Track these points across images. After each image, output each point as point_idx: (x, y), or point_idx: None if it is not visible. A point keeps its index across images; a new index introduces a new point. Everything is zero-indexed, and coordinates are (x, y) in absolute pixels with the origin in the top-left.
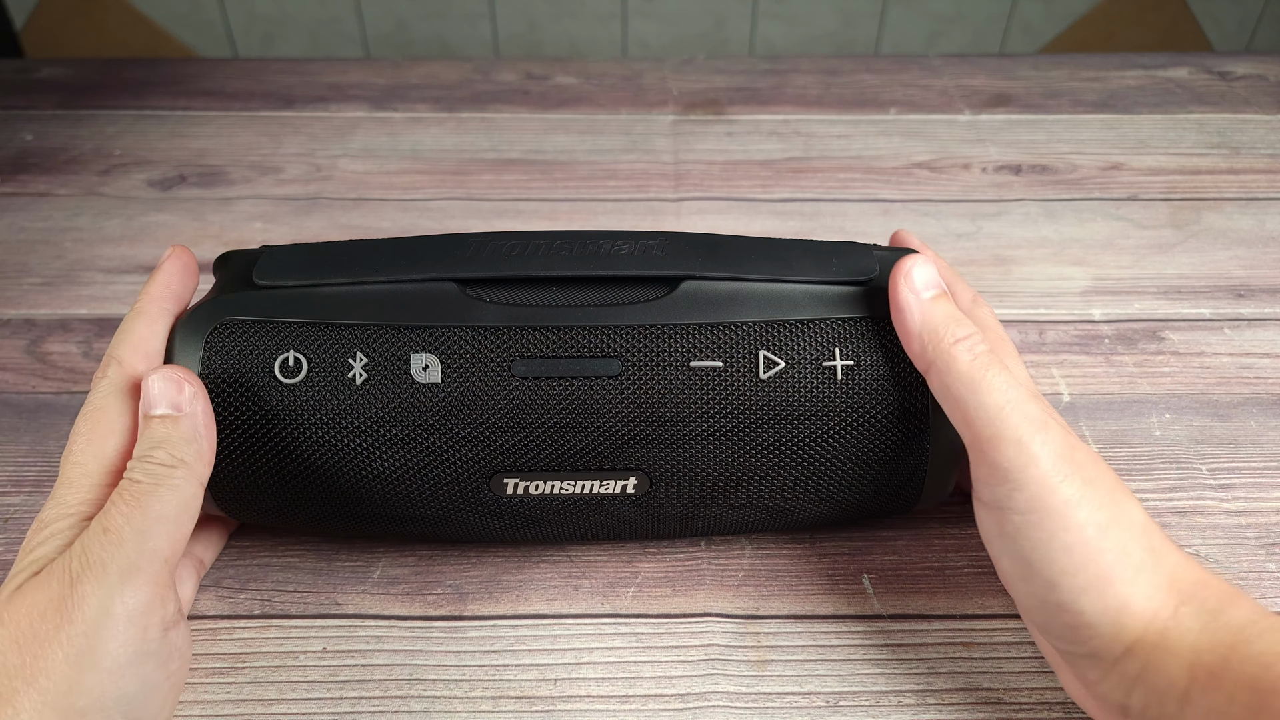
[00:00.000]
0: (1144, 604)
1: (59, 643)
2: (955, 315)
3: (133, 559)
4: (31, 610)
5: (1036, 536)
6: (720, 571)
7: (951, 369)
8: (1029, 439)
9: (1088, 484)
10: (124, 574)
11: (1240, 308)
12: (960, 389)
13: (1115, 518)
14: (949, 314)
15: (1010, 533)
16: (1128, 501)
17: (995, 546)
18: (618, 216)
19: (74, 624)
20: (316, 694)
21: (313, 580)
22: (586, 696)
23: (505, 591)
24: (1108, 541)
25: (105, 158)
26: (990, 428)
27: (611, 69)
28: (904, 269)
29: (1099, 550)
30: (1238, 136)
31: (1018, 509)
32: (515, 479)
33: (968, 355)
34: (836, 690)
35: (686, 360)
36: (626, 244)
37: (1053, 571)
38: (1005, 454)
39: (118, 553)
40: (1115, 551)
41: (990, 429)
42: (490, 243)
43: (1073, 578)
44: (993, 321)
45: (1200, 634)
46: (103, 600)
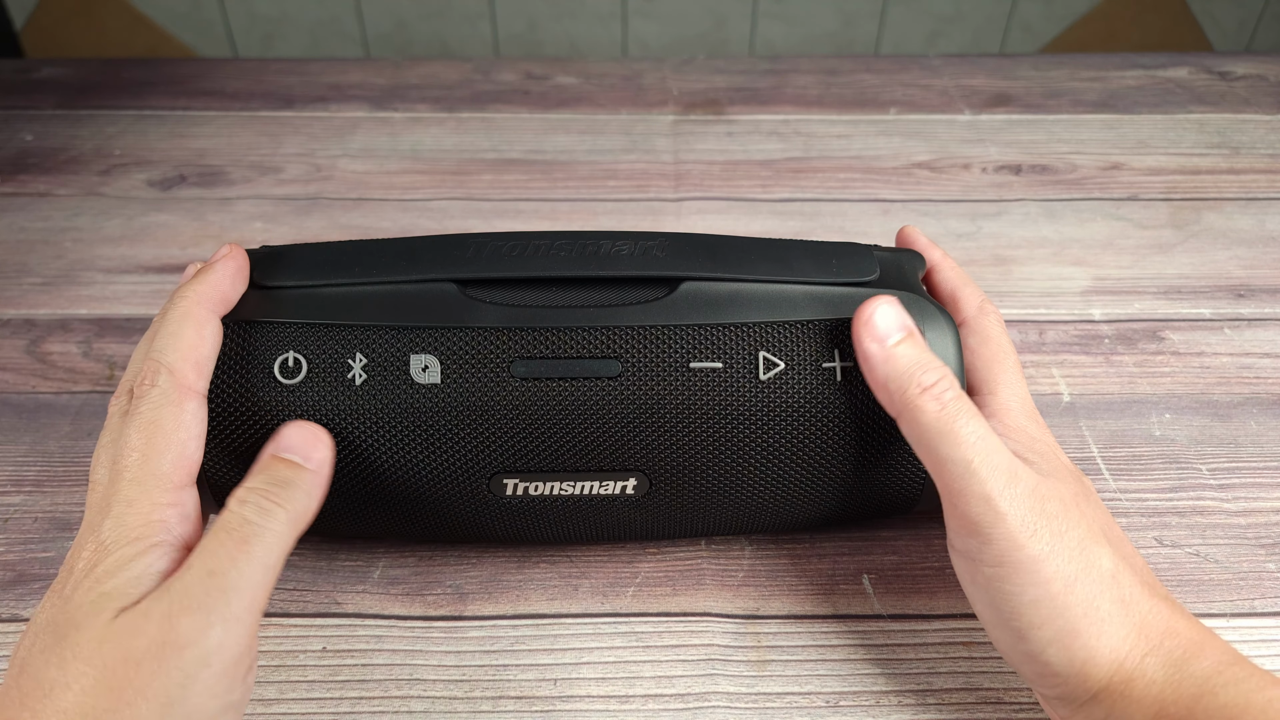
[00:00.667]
0: (1109, 655)
1: (153, 692)
2: (920, 361)
3: (235, 610)
4: (128, 655)
5: (1005, 590)
6: (720, 572)
7: (918, 421)
8: (997, 495)
9: (1057, 537)
10: (227, 625)
11: (1240, 308)
12: (928, 440)
13: (1084, 570)
14: (914, 361)
15: (980, 583)
16: (1098, 551)
17: (968, 591)
18: (618, 216)
19: (170, 675)
20: (316, 693)
21: (312, 579)
22: (586, 696)
23: (505, 591)
24: (1074, 596)
25: (105, 158)
26: (958, 481)
27: (611, 69)
28: (864, 317)
29: (1065, 605)
30: (1238, 136)
31: (987, 562)
32: (515, 479)
33: (934, 405)
34: (836, 690)
35: (686, 361)
36: (626, 244)
37: (1021, 623)
38: (973, 508)
39: (222, 601)
40: (1082, 605)
41: (958, 483)
42: (490, 243)
43: (1039, 630)
44: (997, 331)
45: (1165, 685)
46: (203, 653)
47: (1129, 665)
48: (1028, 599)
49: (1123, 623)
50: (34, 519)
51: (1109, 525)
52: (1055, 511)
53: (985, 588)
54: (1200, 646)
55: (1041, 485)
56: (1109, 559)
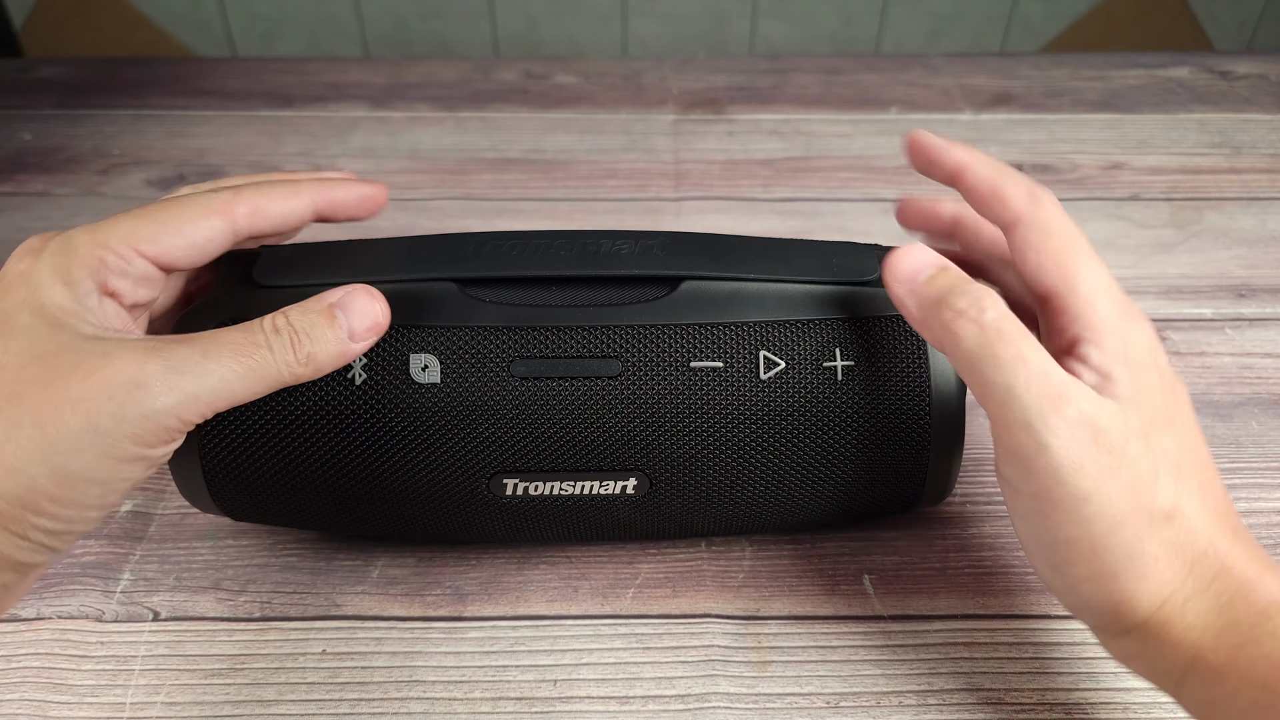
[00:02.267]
0: (1149, 599)
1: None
2: (953, 287)
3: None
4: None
5: (1044, 524)
6: (720, 572)
7: (957, 348)
8: (1040, 423)
9: (1107, 474)
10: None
11: (1241, 307)
12: (969, 366)
13: (1134, 509)
14: (946, 288)
15: (1021, 513)
16: (1157, 488)
17: (1010, 514)
18: (618, 216)
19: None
20: (316, 695)
21: (312, 581)
22: (586, 697)
23: (505, 592)
24: (1117, 538)
25: (104, 157)
26: (1000, 408)
27: (611, 68)
28: (889, 268)
29: (1105, 547)
30: (1239, 136)
31: (1028, 494)
32: (515, 479)
33: (970, 329)
34: (837, 691)
35: (686, 360)
36: (626, 244)
37: (1057, 559)
38: (1015, 437)
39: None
40: (1125, 548)
41: (1000, 409)
42: (490, 242)
43: (1076, 568)
44: (1059, 220)
45: (1205, 630)
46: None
47: (1169, 608)
48: (1064, 536)
49: (1170, 564)
50: None
51: (1186, 452)
52: (1113, 444)
53: (1026, 518)
54: (1253, 586)
55: (1100, 413)
56: (1169, 495)
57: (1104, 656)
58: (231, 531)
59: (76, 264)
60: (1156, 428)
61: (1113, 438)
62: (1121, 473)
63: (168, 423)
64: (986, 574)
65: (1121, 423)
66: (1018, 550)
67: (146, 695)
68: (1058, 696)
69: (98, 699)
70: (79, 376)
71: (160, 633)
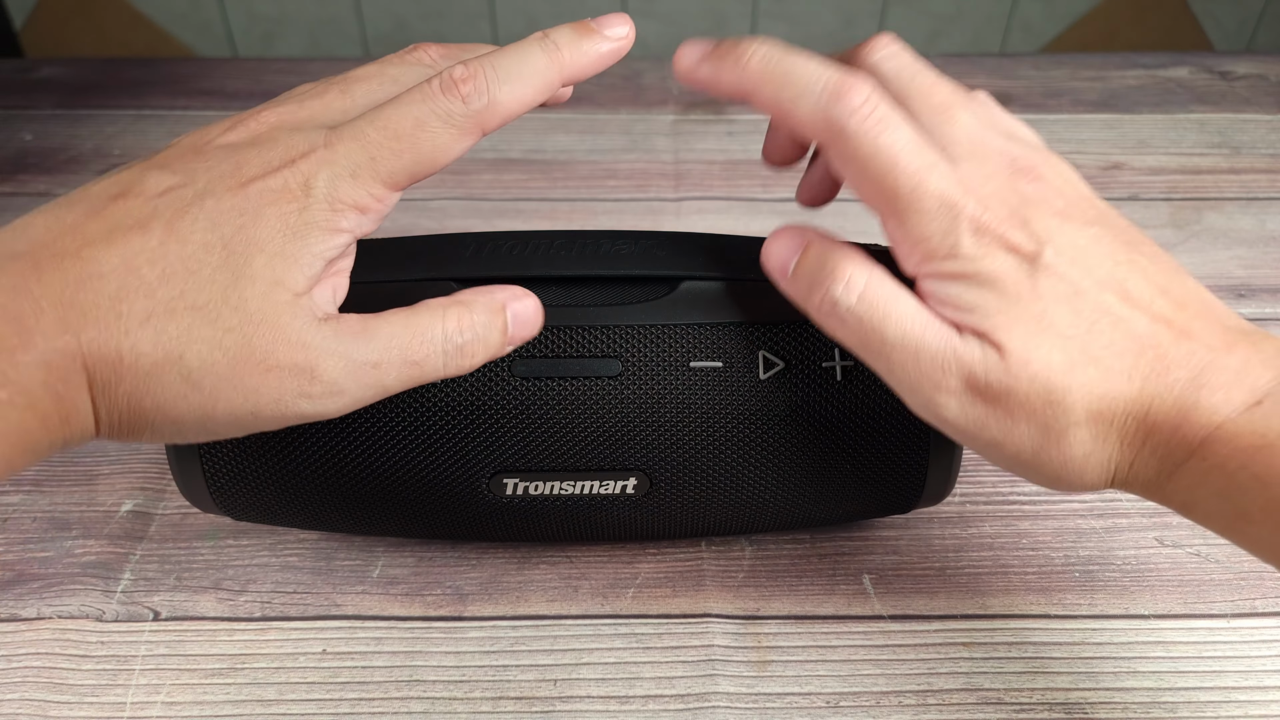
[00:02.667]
0: (1096, 483)
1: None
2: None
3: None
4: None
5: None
6: (720, 572)
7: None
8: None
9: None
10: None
11: (1241, 307)
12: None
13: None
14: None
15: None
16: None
17: None
18: (618, 216)
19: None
20: (316, 695)
21: (312, 580)
22: (586, 697)
23: (505, 592)
24: (1040, 459)
25: (105, 157)
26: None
27: (611, 68)
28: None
29: (1036, 468)
30: (1239, 136)
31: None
32: (515, 479)
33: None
34: (837, 691)
35: (686, 360)
36: (626, 244)
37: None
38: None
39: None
40: (1051, 466)
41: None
42: (490, 242)
43: (1021, 475)
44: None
45: (1157, 480)
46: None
47: (1120, 479)
48: (999, 462)
49: (1101, 452)
50: (33, 519)
51: (1081, 280)
52: (997, 390)
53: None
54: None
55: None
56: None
57: (1104, 656)
58: (232, 531)
59: (341, 216)
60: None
61: (994, 384)
62: (1015, 410)
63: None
64: (986, 574)
65: (998, 362)
66: (1018, 550)
67: (146, 695)
68: (1057, 697)
69: (98, 699)
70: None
71: (160, 632)
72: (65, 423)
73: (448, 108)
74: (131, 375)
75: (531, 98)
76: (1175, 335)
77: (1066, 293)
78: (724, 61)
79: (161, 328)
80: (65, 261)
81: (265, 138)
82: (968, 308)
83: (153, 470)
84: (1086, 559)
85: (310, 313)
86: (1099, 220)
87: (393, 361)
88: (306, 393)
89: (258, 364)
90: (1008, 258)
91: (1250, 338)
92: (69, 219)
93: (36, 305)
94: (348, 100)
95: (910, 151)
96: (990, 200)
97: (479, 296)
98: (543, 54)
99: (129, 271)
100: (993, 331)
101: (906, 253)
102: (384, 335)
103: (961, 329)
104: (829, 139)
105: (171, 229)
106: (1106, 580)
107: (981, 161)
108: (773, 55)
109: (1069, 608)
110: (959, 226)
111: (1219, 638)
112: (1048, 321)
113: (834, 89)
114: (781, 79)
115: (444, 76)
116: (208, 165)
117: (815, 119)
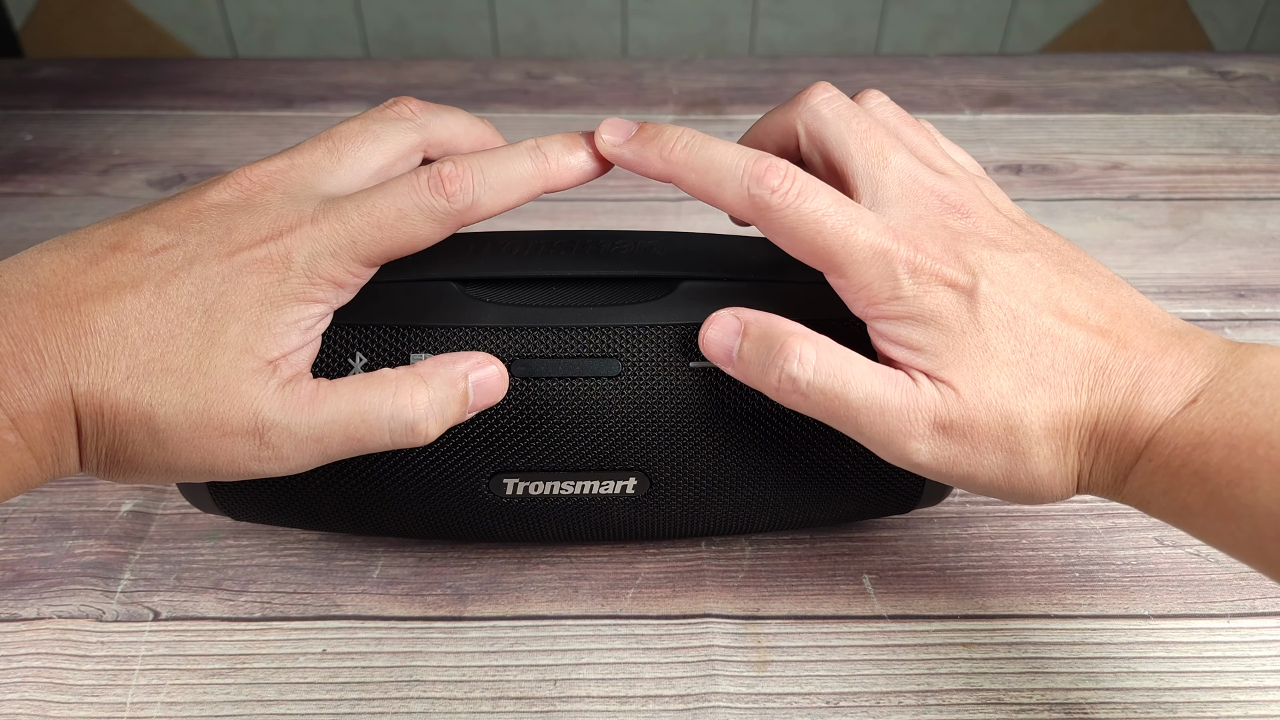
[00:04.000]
0: (1061, 493)
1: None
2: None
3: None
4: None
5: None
6: (720, 572)
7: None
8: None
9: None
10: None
11: (1241, 307)
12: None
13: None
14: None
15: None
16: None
17: None
18: (618, 216)
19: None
20: (316, 695)
21: (312, 581)
22: (586, 697)
23: (505, 593)
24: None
25: (104, 158)
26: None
27: (611, 68)
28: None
29: (1009, 491)
30: (1238, 136)
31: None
32: (515, 479)
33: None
34: (837, 691)
35: (686, 360)
36: (626, 244)
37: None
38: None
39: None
40: (1022, 486)
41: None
42: (490, 242)
43: (995, 495)
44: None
45: (1113, 484)
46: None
47: (1082, 486)
48: (977, 489)
49: (1059, 464)
50: (33, 519)
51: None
52: (961, 428)
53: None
54: (1127, 432)
55: (939, 411)
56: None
57: (1104, 656)
58: (232, 531)
59: (318, 288)
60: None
61: (956, 420)
62: (980, 440)
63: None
64: (986, 574)
65: (955, 399)
66: (1018, 550)
67: (146, 695)
68: (1057, 697)
69: (98, 699)
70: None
71: (160, 632)
72: (57, 463)
73: (431, 204)
74: (111, 427)
75: (513, 203)
76: (1113, 346)
77: (1006, 319)
78: (648, 148)
79: (138, 387)
80: (66, 314)
81: (257, 201)
82: (917, 347)
83: None
84: (1086, 559)
85: (269, 382)
86: (1030, 246)
87: (334, 437)
88: (256, 456)
89: (215, 429)
90: (946, 293)
91: (1184, 339)
92: (72, 263)
93: (40, 357)
94: (335, 161)
95: (833, 213)
96: (921, 240)
97: (438, 369)
98: (531, 164)
99: (118, 331)
100: (942, 369)
101: (852, 299)
102: (329, 410)
103: (914, 371)
104: (756, 216)
105: (160, 292)
106: (1106, 580)
107: (912, 202)
108: (694, 144)
109: (1069, 608)
110: (895, 270)
111: (1219, 638)
112: (992, 351)
113: (753, 173)
114: (704, 166)
115: (433, 173)
116: (200, 227)
117: (741, 201)
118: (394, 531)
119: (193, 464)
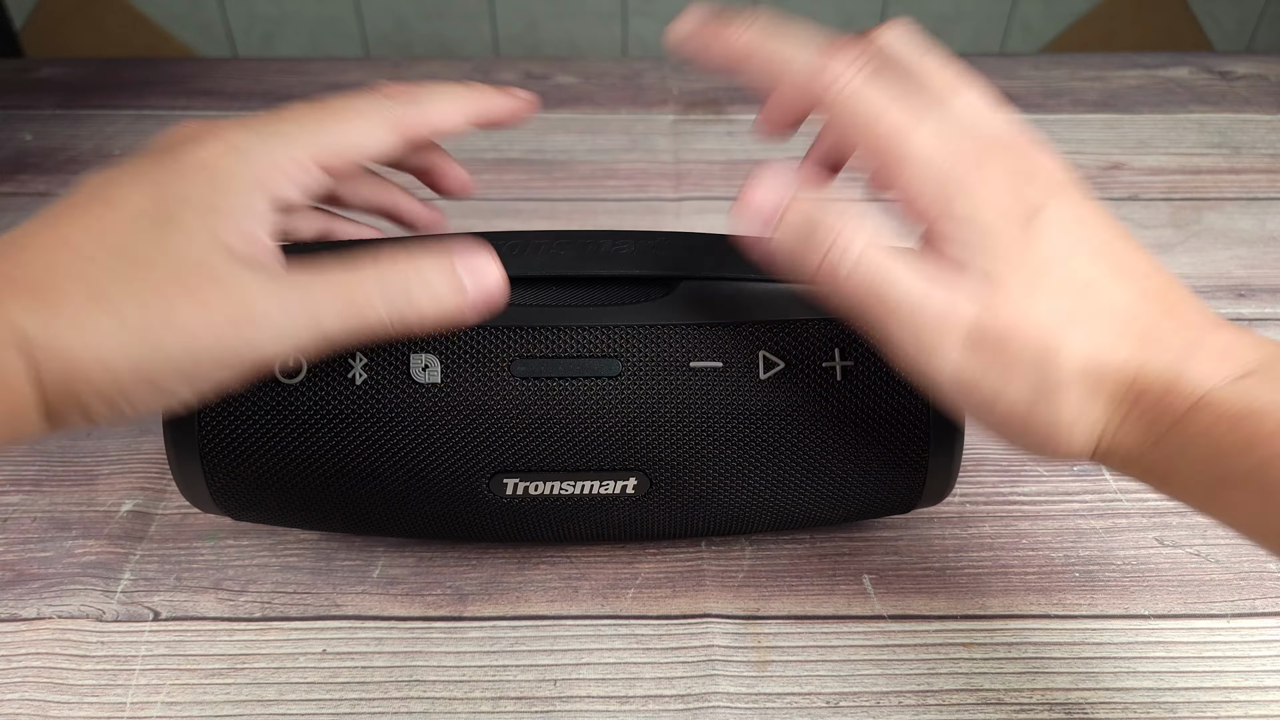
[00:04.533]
0: (1081, 450)
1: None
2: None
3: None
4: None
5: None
6: (720, 572)
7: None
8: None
9: (998, 376)
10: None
11: (1241, 307)
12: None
13: (1034, 391)
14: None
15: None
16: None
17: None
18: (618, 216)
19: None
20: (316, 695)
21: (312, 581)
22: (586, 697)
23: (505, 592)
24: (1030, 420)
25: (105, 157)
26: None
27: (611, 68)
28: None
29: (1025, 430)
30: (1239, 136)
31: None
32: (515, 479)
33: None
34: (837, 691)
35: (686, 361)
36: (626, 244)
37: (992, 431)
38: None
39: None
40: (1039, 428)
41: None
42: (490, 242)
43: (1009, 439)
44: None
45: (1140, 449)
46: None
47: (1103, 445)
48: (988, 424)
49: (1086, 415)
50: (33, 519)
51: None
52: (993, 343)
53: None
54: (1171, 392)
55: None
56: (1071, 348)
57: (1104, 656)
58: (232, 531)
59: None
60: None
61: (991, 332)
62: (1011, 361)
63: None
64: (986, 574)
65: (997, 310)
66: (1017, 550)
67: (146, 695)
68: (1057, 697)
69: (98, 699)
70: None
71: (160, 632)
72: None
73: (378, 100)
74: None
75: (451, 114)
76: (1163, 312)
77: (1062, 252)
78: (723, 29)
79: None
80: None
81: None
82: (967, 259)
83: (153, 470)
84: (1086, 559)
85: (241, 261)
86: (1095, 203)
87: (329, 300)
88: (242, 335)
89: (191, 299)
90: (1009, 210)
91: (1232, 326)
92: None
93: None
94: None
95: (898, 109)
96: (988, 163)
97: (425, 246)
98: (464, 88)
99: (61, 242)
100: (988, 282)
101: (908, 204)
102: (319, 272)
103: (960, 280)
104: (823, 98)
105: (107, 202)
106: (1106, 580)
107: (982, 134)
108: (770, 24)
109: (1069, 608)
110: (958, 174)
111: (1219, 638)
112: (1043, 277)
113: (826, 53)
114: (777, 45)
115: (381, 84)
116: (146, 153)
117: (808, 82)
118: (394, 531)
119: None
